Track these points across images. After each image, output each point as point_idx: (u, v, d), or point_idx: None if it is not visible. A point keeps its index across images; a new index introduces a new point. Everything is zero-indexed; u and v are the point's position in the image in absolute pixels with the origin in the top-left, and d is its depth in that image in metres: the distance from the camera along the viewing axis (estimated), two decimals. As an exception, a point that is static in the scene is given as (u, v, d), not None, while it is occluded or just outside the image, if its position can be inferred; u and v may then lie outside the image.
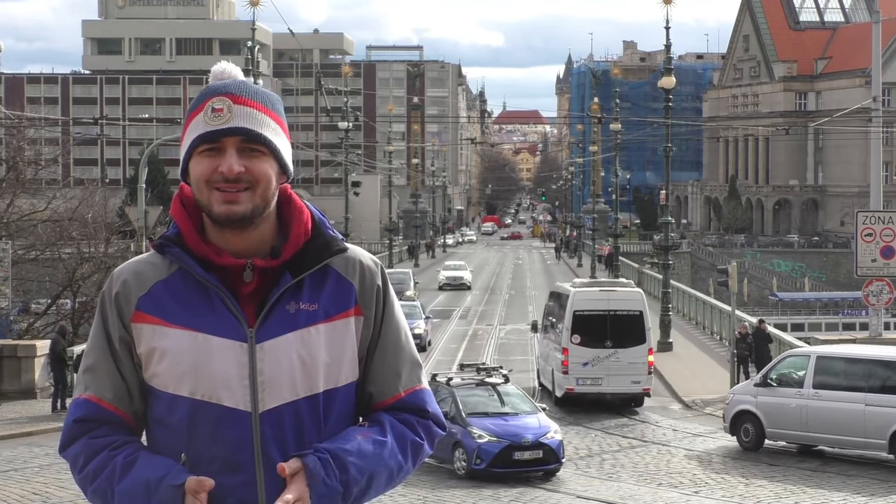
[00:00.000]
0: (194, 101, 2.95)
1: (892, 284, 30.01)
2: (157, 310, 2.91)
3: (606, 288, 31.07)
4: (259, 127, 2.89)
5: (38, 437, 22.80)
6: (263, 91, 2.98)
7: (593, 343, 28.86)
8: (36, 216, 40.05)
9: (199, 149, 2.89)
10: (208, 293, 2.90)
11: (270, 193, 2.92)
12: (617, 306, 29.27)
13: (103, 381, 2.93)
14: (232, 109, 2.88)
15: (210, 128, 2.87)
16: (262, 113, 2.91)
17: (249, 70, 39.43)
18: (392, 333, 3.05)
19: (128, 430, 2.94)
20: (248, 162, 2.87)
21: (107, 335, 2.95)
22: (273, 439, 2.87)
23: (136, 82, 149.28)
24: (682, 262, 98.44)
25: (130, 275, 2.96)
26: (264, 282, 2.92)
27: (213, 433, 2.86)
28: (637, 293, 30.60)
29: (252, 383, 2.87)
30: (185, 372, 2.87)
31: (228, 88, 2.91)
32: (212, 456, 2.86)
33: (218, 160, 2.87)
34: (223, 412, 2.86)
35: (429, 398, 3.08)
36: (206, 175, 2.88)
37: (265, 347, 2.89)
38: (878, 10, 40.38)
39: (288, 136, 3.00)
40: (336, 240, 3.00)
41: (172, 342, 2.88)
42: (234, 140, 2.87)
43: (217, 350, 2.87)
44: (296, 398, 2.90)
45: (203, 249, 2.91)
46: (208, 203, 2.88)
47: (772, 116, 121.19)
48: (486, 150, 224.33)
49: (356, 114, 79.91)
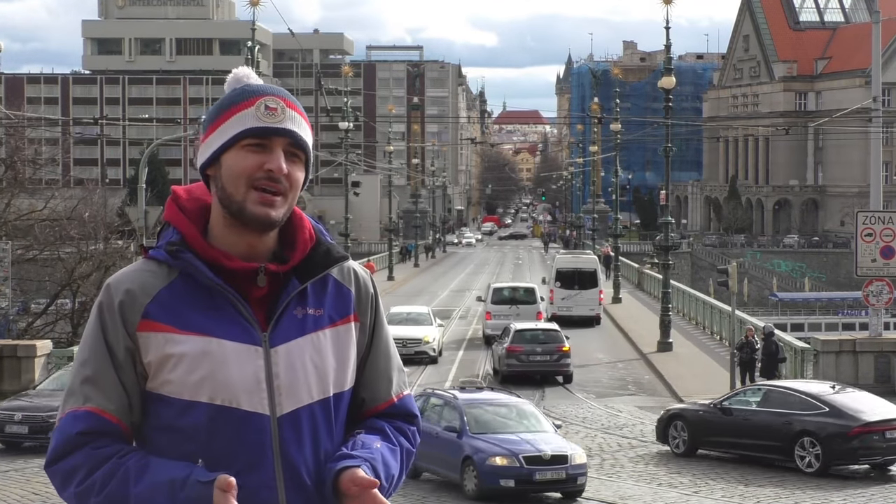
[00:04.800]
0: (236, 96, 2.93)
1: (892, 284, 29.98)
2: (166, 317, 2.87)
3: (574, 255, 58.07)
4: (304, 135, 2.94)
5: (38, 437, 22.75)
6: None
7: (567, 287, 49.23)
8: (34, 216, 40.04)
9: (243, 142, 2.88)
10: (215, 298, 2.89)
11: (295, 202, 2.95)
12: (581, 266, 50.48)
13: (106, 392, 2.87)
14: (285, 111, 2.91)
15: (264, 124, 2.88)
16: (304, 122, 2.96)
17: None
18: (384, 340, 3.11)
19: (127, 441, 2.91)
20: (289, 166, 2.90)
21: (108, 345, 2.89)
22: (291, 442, 2.89)
23: (136, 82, 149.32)
24: (682, 262, 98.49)
25: (132, 284, 2.91)
26: (271, 287, 2.93)
27: (233, 437, 2.86)
28: (593, 259, 53.58)
29: (269, 387, 2.88)
30: (204, 377, 2.84)
31: (280, 92, 2.95)
32: (231, 460, 2.85)
33: (264, 157, 2.87)
34: (243, 416, 2.86)
35: (414, 403, 3.17)
36: (250, 170, 2.86)
37: (279, 351, 2.90)
38: (878, 10, 40.41)
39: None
40: (336, 247, 3.03)
41: (187, 348, 2.85)
42: (283, 141, 2.89)
43: (232, 355, 2.86)
44: (311, 401, 2.92)
45: (212, 254, 2.90)
46: (242, 200, 2.87)
47: (772, 116, 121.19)
48: (486, 150, 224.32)
49: (356, 114, 79.92)
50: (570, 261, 52.15)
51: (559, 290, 49.14)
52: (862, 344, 29.94)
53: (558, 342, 34.18)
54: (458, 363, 38.20)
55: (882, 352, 29.66)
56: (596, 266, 50.97)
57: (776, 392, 21.72)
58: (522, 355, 33.78)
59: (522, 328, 35.15)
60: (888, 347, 29.76)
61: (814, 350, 30.11)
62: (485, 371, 36.47)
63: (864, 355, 29.60)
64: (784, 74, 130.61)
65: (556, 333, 34.94)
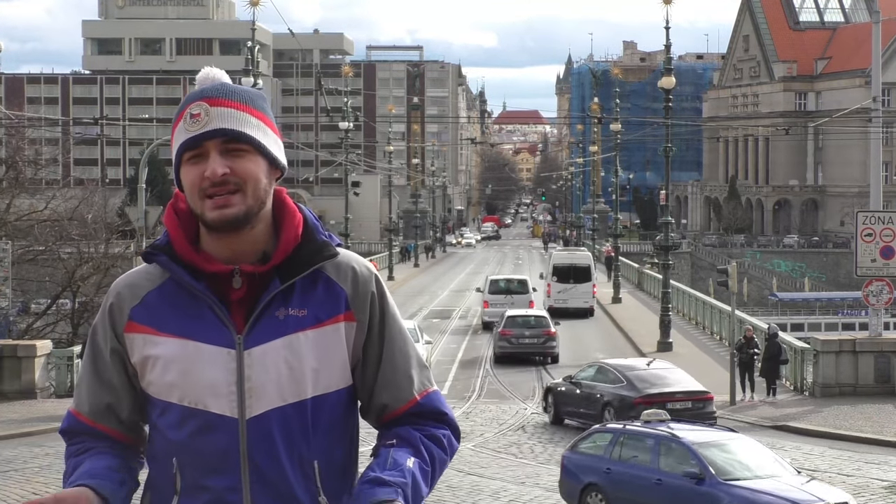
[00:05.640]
0: (177, 110, 2.93)
1: (892, 284, 29.98)
2: (148, 319, 2.92)
3: (570, 251, 61.81)
4: (239, 125, 2.86)
5: (38, 437, 22.77)
6: (243, 89, 2.94)
7: (563, 281, 52.88)
8: (35, 216, 40.04)
9: (184, 157, 2.88)
10: (197, 301, 2.90)
11: (262, 191, 2.89)
12: (576, 261, 54.35)
13: (83, 395, 3.00)
14: (209, 112, 2.85)
15: (189, 134, 2.86)
16: (241, 111, 2.88)
17: (249, 70, 39.41)
18: (398, 338, 3.03)
19: (110, 442, 2.98)
20: (232, 163, 2.85)
21: (95, 348, 2.99)
22: (260, 445, 2.87)
23: (136, 82, 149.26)
24: (682, 262, 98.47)
25: (124, 287, 2.98)
26: (255, 288, 2.91)
27: (200, 439, 2.87)
28: (587, 254, 57.62)
29: (239, 390, 2.87)
30: (175, 379, 2.88)
31: (205, 93, 2.89)
32: (199, 462, 2.87)
33: (203, 165, 2.85)
34: (210, 418, 2.87)
35: (443, 400, 3.06)
36: (195, 183, 2.86)
37: (253, 354, 2.88)
38: (878, 10, 40.35)
39: (275, 130, 2.96)
40: (328, 244, 2.96)
41: (163, 350, 2.90)
42: (215, 143, 2.85)
43: (206, 357, 2.88)
44: (283, 403, 2.88)
45: (191, 257, 2.90)
46: (202, 211, 2.86)
47: (772, 116, 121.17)
48: (486, 150, 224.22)
49: (356, 114, 79.86)
50: (566, 257, 56.42)
51: (556, 283, 52.99)
52: (862, 344, 29.93)
53: (546, 327, 38.12)
54: (457, 363, 38.26)
55: (882, 352, 29.66)
56: (590, 262, 55.06)
57: (603, 368, 25.53)
58: (513, 338, 37.50)
59: (514, 314, 39.28)
60: (888, 347, 29.76)
61: (813, 350, 30.10)
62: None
63: (863, 355, 29.60)
64: (784, 74, 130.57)
65: (544, 319, 38.99)
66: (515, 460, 21.62)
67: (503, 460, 21.46)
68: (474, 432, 24.57)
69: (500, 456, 21.95)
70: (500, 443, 23.59)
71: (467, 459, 21.04)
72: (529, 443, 23.77)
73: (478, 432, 24.70)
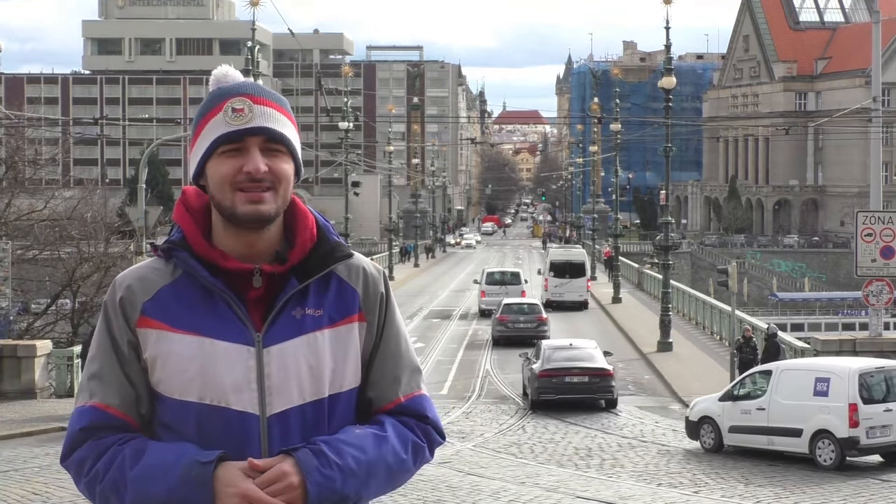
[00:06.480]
0: (208, 102, 2.93)
1: (892, 284, 29.97)
2: (162, 315, 2.90)
3: (566, 248, 68.27)
4: (280, 127, 2.90)
5: (38, 437, 22.77)
6: (276, 92, 2.98)
7: (559, 276, 56.42)
8: (35, 216, 40.03)
9: (220, 149, 2.88)
10: (213, 297, 2.90)
11: (289, 193, 2.93)
12: (571, 258, 58.17)
13: (110, 387, 2.91)
14: (253, 109, 2.88)
15: (232, 127, 2.87)
16: (279, 113, 2.92)
17: (249, 70, 39.40)
18: (392, 339, 3.05)
19: (133, 432, 2.92)
20: (270, 161, 2.88)
21: (112, 340, 2.93)
22: (280, 442, 2.88)
23: (136, 82, 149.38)
24: (682, 262, 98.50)
25: (135, 280, 2.95)
26: (270, 287, 2.92)
27: (222, 436, 2.86)
28: (582, 251, 63.61)
29: (260, 387, 2.88)
30: (193, 377, 2.86)
31: (246, 89, 2.92)
32: None
33: (241, 160, 2.87)
34: (232, 416, 2.87)
35: (429, 405, 3.07)
36: (229, 176, 2.87)
37: (272, 352, 2.89)
38: (878, 10, 40.40)
39: (299, 136, 3.03)
40: (341, 245, 3.00)
41: (178, 347, 2.88)
42: (258, 140, 2.88)
43: (224, 354, 2.87)
44: (303, 402, 2.91)
45: (209, 253, 2.91)
46: (231, 204, 2.87)
47: (772, 116, 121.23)
48: (486, 150, 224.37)
49: (356, 114, 79.90)
50: (562, 253, 60.68)
51: (553, 278, 56.86)
52: (862, 344, 29.92)
53: (538, 313, 42.77)
54: (457, 363, 38.28)
55: (882, 352, 29.60)
56: (585, 258, 60.08)
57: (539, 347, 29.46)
58: (509, 323, 42.08)
59: (510, 302, 43.92)
60: (888, 347, 29.73)
61: (813, 350, 30.08)
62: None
63: (863, 355, 29.55)
64: (784, 74, 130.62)
65: (536, 306, 43.89)
66: (515, 460, 21.60)
67: (503, 460, 21.45)
68: (474, 432, 24.60)
69: (500, 456, 21.93)
70: (500, 443, 23.58)
71: (467, 459, 21.05)
72: (529, 443, 23.77)
73: (478, 432, 24.73)
